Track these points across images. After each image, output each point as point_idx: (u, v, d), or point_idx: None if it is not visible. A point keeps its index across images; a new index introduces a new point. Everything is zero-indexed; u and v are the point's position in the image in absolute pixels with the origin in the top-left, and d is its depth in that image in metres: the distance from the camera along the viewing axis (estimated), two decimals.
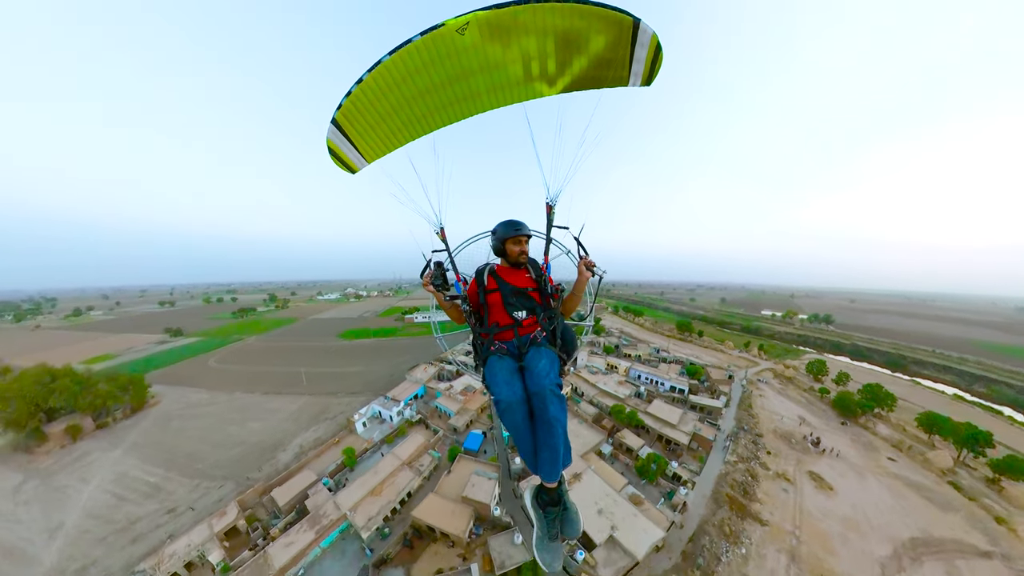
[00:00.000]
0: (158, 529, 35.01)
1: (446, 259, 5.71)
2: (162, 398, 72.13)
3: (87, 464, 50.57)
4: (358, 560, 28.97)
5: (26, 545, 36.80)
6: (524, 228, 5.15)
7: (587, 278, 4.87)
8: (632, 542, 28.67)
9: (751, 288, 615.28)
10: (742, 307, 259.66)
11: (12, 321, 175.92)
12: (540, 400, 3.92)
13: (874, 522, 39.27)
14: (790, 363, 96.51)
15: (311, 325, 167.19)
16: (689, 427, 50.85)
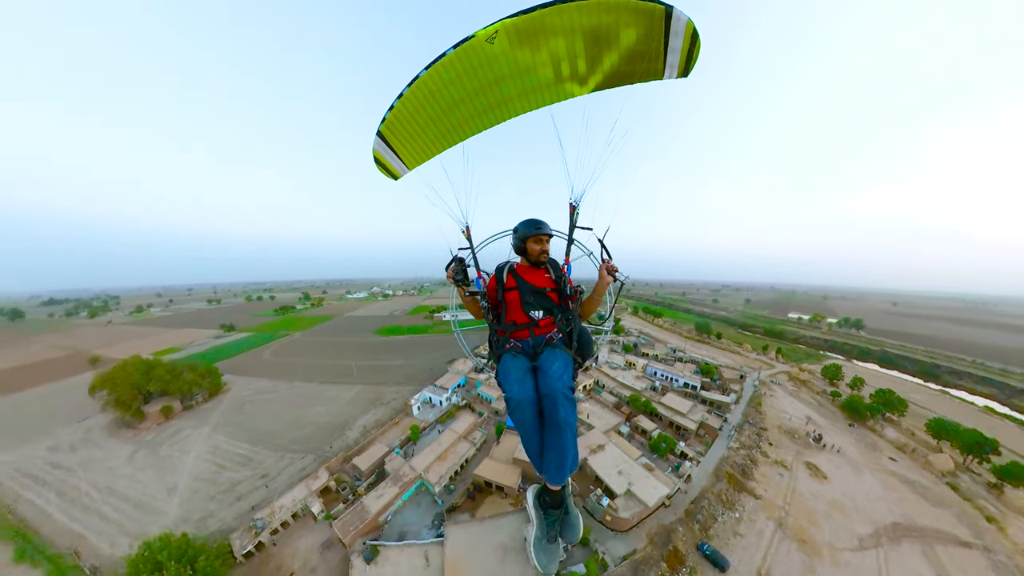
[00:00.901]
0: (256, 491, 41.44)
1: (468, 256, 5.82)
2: (232, 385, 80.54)
3: (183, 439, 58.34)
4: (431, 509, 35.70)
5: (151, 500, 44.05)
6: (545, 227, 5.12)
7: (608, 282, 4.71)
8: (645, 495, 35.21)
9: (781, 288, 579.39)
10: (767, 309, 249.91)
11: (88, 317, 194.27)
12: (551, 402, 3.90)
13: (861, 507, 41.22)
14: (806, 367, 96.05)
15: (347, 322, 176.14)
16: (697, 416, 54.97)
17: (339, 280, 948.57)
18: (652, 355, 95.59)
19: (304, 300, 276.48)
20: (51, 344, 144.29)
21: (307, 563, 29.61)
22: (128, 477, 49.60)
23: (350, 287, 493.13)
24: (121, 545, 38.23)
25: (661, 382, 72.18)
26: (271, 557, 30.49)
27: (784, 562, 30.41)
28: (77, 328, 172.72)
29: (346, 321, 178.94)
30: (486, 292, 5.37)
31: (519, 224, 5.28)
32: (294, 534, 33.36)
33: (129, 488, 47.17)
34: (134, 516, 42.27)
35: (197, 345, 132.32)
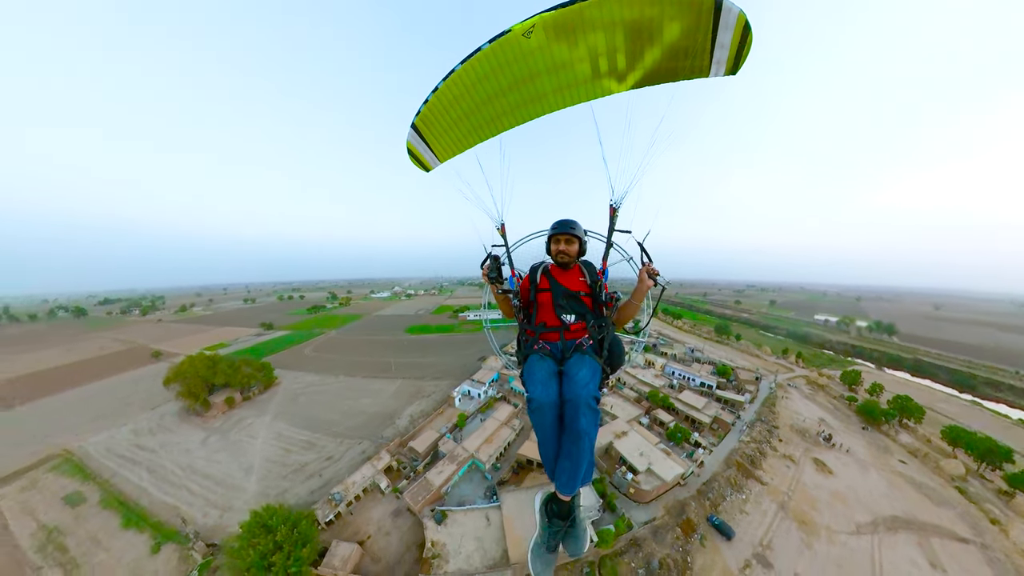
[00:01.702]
0: (324, 471, 47.11)
1: (503, 254, 5.74)
2: (282, 379, 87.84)
3: (247, 426, 64.88)
4: (482, 484, 41.40)
5: (230, 478, 49.97)
6: (569, 227, 4.97)
7: (648, 286, 4.50)
8: (663, 472, 40.19)
9: (811, 289, 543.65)
10: (794, 311, 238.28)
11: (140, 315, 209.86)
12: (573, 409, 3.81)
13: (862, 499, 43.04)
14: (825, 371, 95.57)
15: (377, 321, 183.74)
16: (712, 412, 58.60)
17: (361, 279, 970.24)
18: (671, 355, 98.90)
19: (332, 299, 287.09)
20: (113, 339, 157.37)
21: (381, 528, 35.30)
22: (205, 459, 55.98)
23: (372, 286, 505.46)
24: (212, 515, 43.59)
25: (679, 380, 75.82)
26: (348, 524, 36.25)
27: (783, 537, 34.19)
28: (132, 325, 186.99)
29: (375, 320, 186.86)
30: (519, 291, 5.30)
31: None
32: (366, 506, 39.16)
33: (209, 468, 53.33)
34: (218, 491, 48.04)
35: (242, 341, 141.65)
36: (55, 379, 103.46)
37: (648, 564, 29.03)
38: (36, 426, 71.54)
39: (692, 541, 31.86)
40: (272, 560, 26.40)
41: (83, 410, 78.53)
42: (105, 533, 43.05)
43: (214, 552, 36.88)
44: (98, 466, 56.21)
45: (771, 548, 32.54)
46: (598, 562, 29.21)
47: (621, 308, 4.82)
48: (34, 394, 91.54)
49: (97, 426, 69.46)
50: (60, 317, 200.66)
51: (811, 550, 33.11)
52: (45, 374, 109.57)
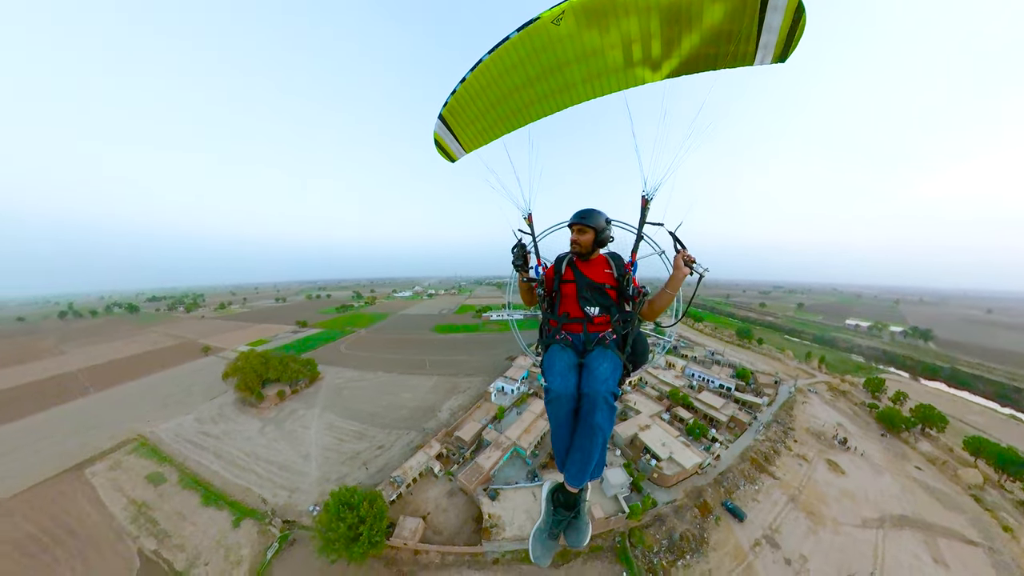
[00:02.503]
0: (377, 458, 52.64)
1: (529, 243, 5.79)
2: (324, 374, 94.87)
3: (299, 417, 71.38)
4: (523, 468, 46.20)
5: (292, 464, 54.69)
6: (589, 218, 4.86)
7: (684, 274, 4.23)
8: (683, 461, 44.72)
9: (845, 290, 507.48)
10: (822, 314, 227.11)
11: (185, 311, 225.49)
12: (590, 403, 3.79)
13: (872, 498, 44.32)
14: (848, 378, 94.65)
15: (403, 320, 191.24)
16: (729, 411, 61.83)
17: (381, 279, 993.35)
18: (691, 357, 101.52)
19: (357, 298, 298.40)
20: (164, 333, 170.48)
21: (438, 506, 40.82)
22: (266, 446, 61.15)
23: (392, 285, 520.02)
24: (281, 496, 47.52)
25: (698, 382, 78.84)
26: (409, 503, 41.70)
27: (792, 523, 37.85)
28: (179, 321, 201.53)
29: (401, 319, 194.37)
30: (543, 280, 5.33)
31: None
32: (422, 487, 44.63)
33: (271, 454, 58.41)
34: (283, 475, 52.54)
35: (280, 338, 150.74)
36: (120, 370, 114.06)
37: (670, 536, 33.85)
38: (111, 412, 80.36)
39: (708, 520, 36.35)
40: (359, 531, 31.79)
41: (149, 399, 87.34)
42: (188, 509, 47.92)
43: (290, 527, 41.32)
44: (171, 450, 62.42)
45: (779, 532, 36.45)
46: (628, 532, 34.17)
47: (653, 299, 4.63)
48: (105, 383, 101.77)
49: (164, 414, 77.30)
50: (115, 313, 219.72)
51: (816, 536, 36.66)
52: (111, 365, 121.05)
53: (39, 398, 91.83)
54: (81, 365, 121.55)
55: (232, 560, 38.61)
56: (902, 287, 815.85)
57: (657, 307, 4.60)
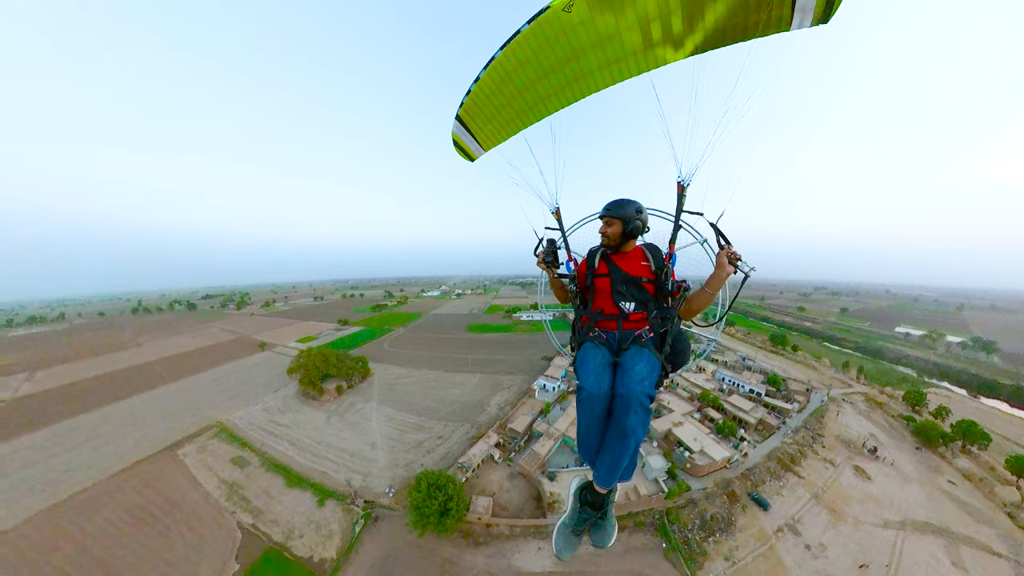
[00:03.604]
0: (438, 447, 59.41)
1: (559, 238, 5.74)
2: (374, 371, 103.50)
3: (358, 410, 79.12)
4: (571, 455, 51.48)
5: (362, 451, 60.03)
6: (615, 208, 4.75)
7: (728, 272, 4.00)
8: (713, 454, 49.90)
9: (900, 292, 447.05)
10: (869, 320, 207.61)
11: (236, 308, 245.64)
12: (624, 405, 3.67)
13: (897, 504, 45.70)
14: (887, 390, 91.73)
15: (436, 319, 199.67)
16: (758, 414, 65.12)
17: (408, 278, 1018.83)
18: (721, 361, 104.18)
19: (389, 297, 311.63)
20: (221, 329, 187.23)
21: (502, 487, 47.52)
22: (333, 435, 66.39)
23: (418, 285, 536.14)
24: (356, 480, 51.79)
25: (728, 386, 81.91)
26: (475, 485, 47.55)
27: (813, 517, 42.31)
28: (232, 318, 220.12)
29: (434, 318, 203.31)
30: (575, 276, 5.25)
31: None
32: (485, 472, 51.24)
33: (340, 442, 63.72)
34: (354, 461, 57.41)
35: (325, 335, 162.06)
36: (190, 361, 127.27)
37: (702, 516, 39.88)
38: (188, 400, 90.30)
39: (735, 507, 41.92)
40: (449, 507, 38.00)
41: (218, 389, 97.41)
42: (274, 489, 52.07)
43: (371, 507, 45.99)
44: (247, 436, 67.79)
45: (801, 522, 41.32)
46: (665, 511, 40.56)
47: (691, 298, 4.39)
48: (178, 373, 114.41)
49: (234, 403, 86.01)
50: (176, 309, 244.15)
51: (836, 530, 41.03)
52: (181, 357, 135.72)
53: (128, 384, 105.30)
54: (157, 356, 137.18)
55: (324, 534, 43.18)
56: (971, 289, 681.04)
57: (695, 307, 4.44)
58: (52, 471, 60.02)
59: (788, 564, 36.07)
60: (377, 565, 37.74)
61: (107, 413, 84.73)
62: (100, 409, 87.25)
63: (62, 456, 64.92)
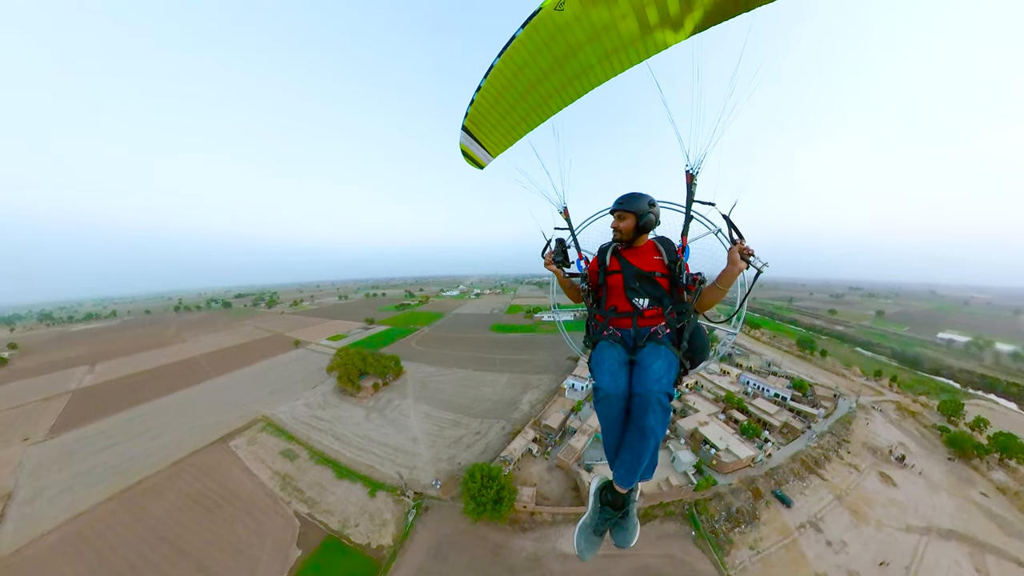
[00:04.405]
0: (477, 442, 63.15)
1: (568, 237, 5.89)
2: (406, 369, 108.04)
3: (396, 407, 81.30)
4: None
5: (405, 446, 63.01)
6: (628, 202, 4.74)
7: (740, 268, 4.07)
8: (738, 452, 53.16)
9: (947, 293, 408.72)
10: (908, 325, 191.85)
11: (267, 307, 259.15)
12: (642, 404, 3.68)
13: (921, 510, 45.84)
14: (921, 399, 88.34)
15: (459, 319, 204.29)
16: (783, 418, 66.88)
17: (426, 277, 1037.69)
18: (746, 366, 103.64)
19: (410, 297, 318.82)
20: (255, 327, 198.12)
21: (542, 479, 51.42)
22: (375, 431, 69.38)
23: (437, 284, 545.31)
24: (403, 473, 54.11)
25: (753, 389, 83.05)
26: (517, 477, 50.56)
27: (835, 516, 44.90)
28: (264, 316, 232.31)
29: (457, 318, 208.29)
30: (587, 274, 5.35)
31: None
32: (525, 465, 54.56)
33: (382, 437, 66.70)
34: (398, 456, 60.24)
35: (354, 334, 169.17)
36: (231, 357, 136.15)
37: (728, 509, 43.59)
38: (232, 394, 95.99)
39: (759, 502, 45.35)
40: (502, 495, 41.95)
41: (260, 384, 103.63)
42: (325, 481, 54.55)
43: (420, 497, 48.85)
44: (293, 430, 70.99)
45: (823, 521, 44.24)
46: (694, 502, 44.51)
47: (704, 293, 4.40)
48: (221, 368, 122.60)
49: (276, 398, 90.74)
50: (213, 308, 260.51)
51: (858, 530, 43.52)
52: (222, 352, 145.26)
53: (177, 378, 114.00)
54: (200, 352, 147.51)
55: (378, 523, 45.92)
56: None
57: (707, 302, 4.49)
58: (118, 457, 65.44)
59: (810, 557, 39.28)
60: (432, 550, 41.47)
61: (161, 405, 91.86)
62: (154, 401, 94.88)
63: (126, 444, 70.76)
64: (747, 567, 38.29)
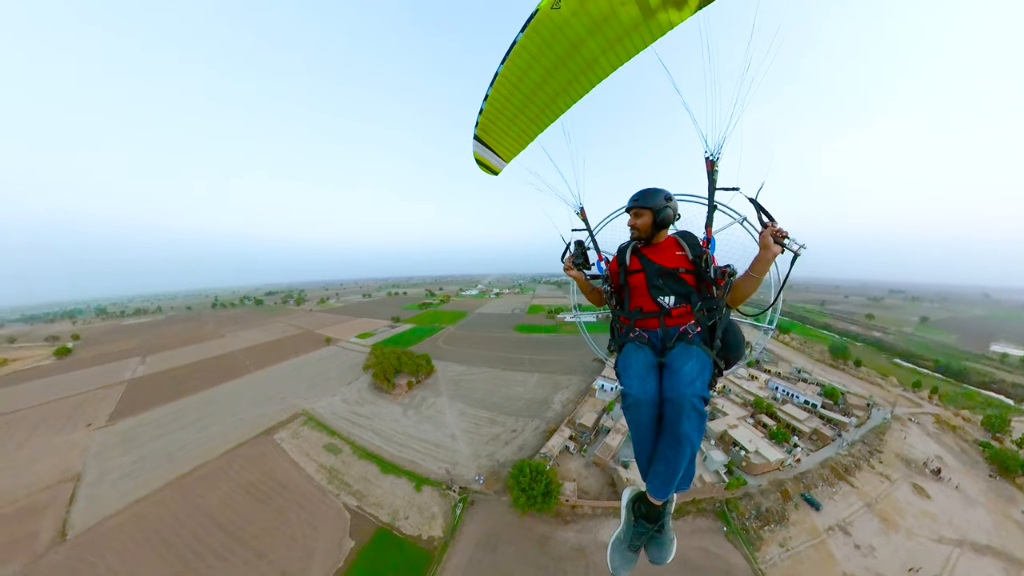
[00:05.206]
0: (514, 440, 66.09)
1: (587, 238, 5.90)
2: (436, 367, 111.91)
3: (430, 404, 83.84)
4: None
5: (444, 443, 65.39)
6: (643, 198, 4.67)
7: (773, 253, 3.80)
8: (767, 455, 55.44)
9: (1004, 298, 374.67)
10: (957, 333, 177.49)
11: (296, 305, 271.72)
12: (675, 410, 3.52)
13: (956, 524, 45.39)
14: (963, 413, 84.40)
15: (482, 318, 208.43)
16: (812, 424, 67.80)
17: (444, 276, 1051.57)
18: (775, 372, 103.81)
19: (431, 296, 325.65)
20: (287, 324, 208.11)
21: (580, 475, 53.60)
22: (414, 427, 71.88)
23: (454, 283, 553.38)
24: (444, 467, 56.72)
25: (782, 395, 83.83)
26: (556, 473, 51.72)
27: (864, 522, 46.64)
28: (294, 313, 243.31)
29: (480, 317, 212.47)
30: (608, 275, 5.22)
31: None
32: (563, 461, 57.29)
33: (421, 434, 69.11)
34: (439, 452, 62.36)
35: (381, 332, 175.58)
36: (267, 353, 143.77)
37: (758, 508, 46.71)
38: (272, 388, 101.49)
39: (788, 504, 48.05)
40: (550, 489, 45.33)
41: (296, 379, 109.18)
42: (371, 475, 56.39)
43: (465, 492, 50.84)
44: (333, 425, 73.47)
45: (852, 525, 46.37)
46: (725, 500, 47.81)
47: (736, 285, 4.24)
48: (259, 363, 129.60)
49: (313, 393, 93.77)
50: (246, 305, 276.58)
51: (888, 536, 44.68)
52: (258, 348, 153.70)
53: (219, 371, 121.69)
54: (238, 347, 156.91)
55: (427, 516, 47.88)
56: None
57: (740, 294, 4.29)
58: (172, 445, 69.45)
59: (838, 557, 41.88)
60: (482, 541, 43.91)
61: (206, 397, 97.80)
62: (200, 393, 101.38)
63: (177, 433, 75.04)
64: (777, 563, 41.31)
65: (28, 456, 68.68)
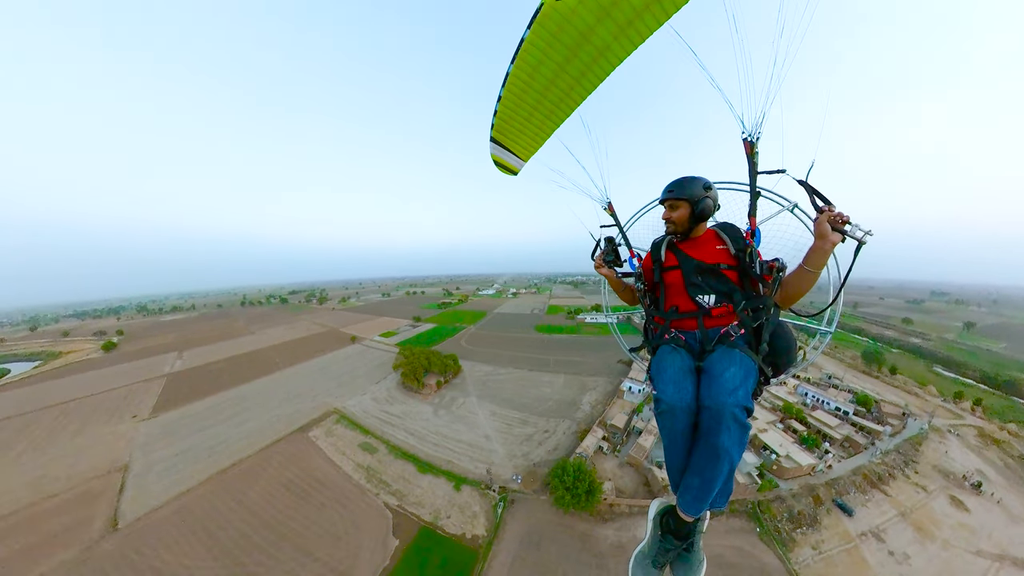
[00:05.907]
0: (547, 440, 67.51)
1: (617, 235, 5.72)
2: (462, 367, 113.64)
3: (460, 404, 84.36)
4: None
5: (479, 442, 65.65)
6: (679, 188, 4.25)
7: (832, 243, 3.30)
8: (799, 459, 56.64)
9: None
10: (1007, 340, 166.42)
11: (318, 303, 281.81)
12: (713, 420, 3.18)
13: (996, 539, 44.38)
14: (1007, 425, 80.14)
15: (502, 318, 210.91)
16: (844, 431, 68.00)
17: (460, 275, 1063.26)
18: (804, 377, 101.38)
19: (449, 295, 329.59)
20: (312, 322, 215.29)
21: (615, 475, 54.91)
22: (446, 427, 72.09)
23: (470, 282, 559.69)
24: (481, 468, 57.38)
25: (812, 401, 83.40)
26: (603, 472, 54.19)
27: (898, 531, 47.32)
28: (317, 312, 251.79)
29: (499, 317, 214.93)
30: (641, 273, 4.97)
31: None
32: (598, 461, 58.06)
33: (454, 434, 69.35)
34: (474, 451, 62.77)
35: (403, 331, 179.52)
36: (295, 350, 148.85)
37: (790, 511, 48.50)
38: (302, 385, 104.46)
39: (820, 508, 49.59)
40: (592, 487, 47.26)
41: (326, 377, 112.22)
42: (408, 475, 56.79)
43: (505, 491, 51.73)
44: (366, 424, 74.12)
45: (885, 532, 47.48)
46: (756, 503, 49.84)
47: (787, 281, 3.82)
48: (288, 360, 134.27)
49: (343, 391, 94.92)
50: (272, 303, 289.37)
51: (922, 545, 45.14)
52: (286, 345, 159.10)
53: (251, 367, 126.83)
54: (267, 344, 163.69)
55: (468, 515, 48.62)
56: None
57: (792, 291, 3.84)
58: (212, 439, 71.29)
59: (871, 563, 43.35)
60: (525, 539, 45.26)
61: (241, 393, 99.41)
62: (235, 388, 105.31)
63: (216, 428, 77.03)
64: (810, 564, 43.27)
65: (83, 444, 73.52)
